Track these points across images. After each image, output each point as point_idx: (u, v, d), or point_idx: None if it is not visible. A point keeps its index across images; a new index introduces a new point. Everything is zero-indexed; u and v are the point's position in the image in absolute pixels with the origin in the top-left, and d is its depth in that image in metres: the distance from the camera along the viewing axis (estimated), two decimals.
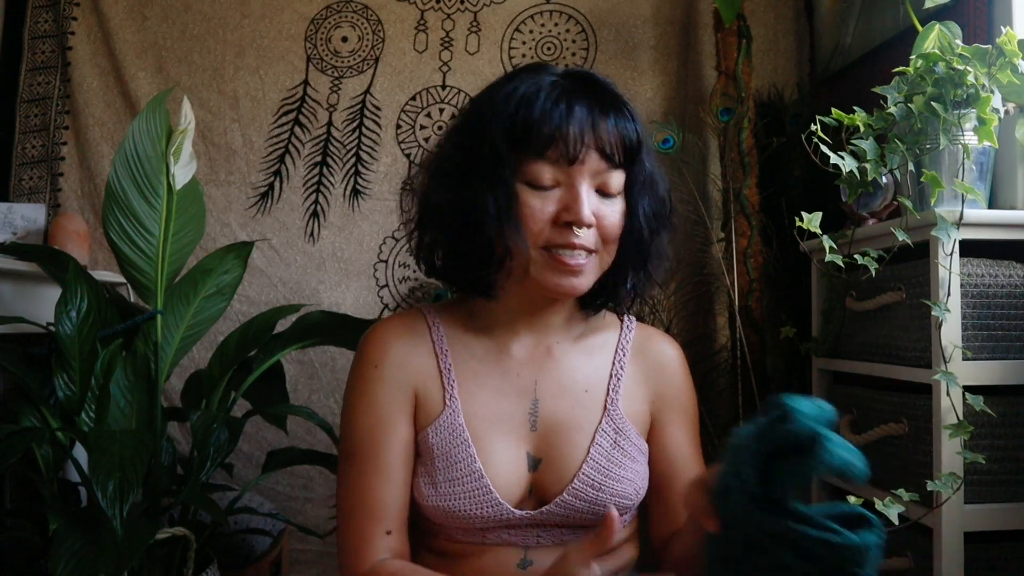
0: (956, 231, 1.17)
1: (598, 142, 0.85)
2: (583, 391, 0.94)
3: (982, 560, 1.20)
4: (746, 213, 1.95)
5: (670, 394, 0.98)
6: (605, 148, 0.85)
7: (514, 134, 0.85)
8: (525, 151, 0.85)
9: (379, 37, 2.29)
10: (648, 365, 0.98)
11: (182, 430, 2.07)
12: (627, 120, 0.88)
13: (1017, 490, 1.20)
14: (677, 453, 0.97)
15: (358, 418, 0.91)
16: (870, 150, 1.21)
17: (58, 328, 1.45)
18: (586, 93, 0.87)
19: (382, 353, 0.93)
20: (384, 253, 2.23)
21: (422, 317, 0.96)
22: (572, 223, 0.84)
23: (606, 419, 0.93)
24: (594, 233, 0.87)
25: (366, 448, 0.90)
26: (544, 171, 0.85)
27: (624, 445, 0.92)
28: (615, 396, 0.94)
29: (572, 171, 0.85)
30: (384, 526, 0.88)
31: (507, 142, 0.85)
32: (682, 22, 2.23)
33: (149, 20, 2.25)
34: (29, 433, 1.38)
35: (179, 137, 1.49)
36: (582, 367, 0.96)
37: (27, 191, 2.25)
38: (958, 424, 1.14)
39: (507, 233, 0.84)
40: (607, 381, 0.95)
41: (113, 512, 1.19)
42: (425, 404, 0.92)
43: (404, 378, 0.92)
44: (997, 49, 1.18)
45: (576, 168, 0.85)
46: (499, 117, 0.86)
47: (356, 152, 2.26)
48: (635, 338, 1.00)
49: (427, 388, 0.92)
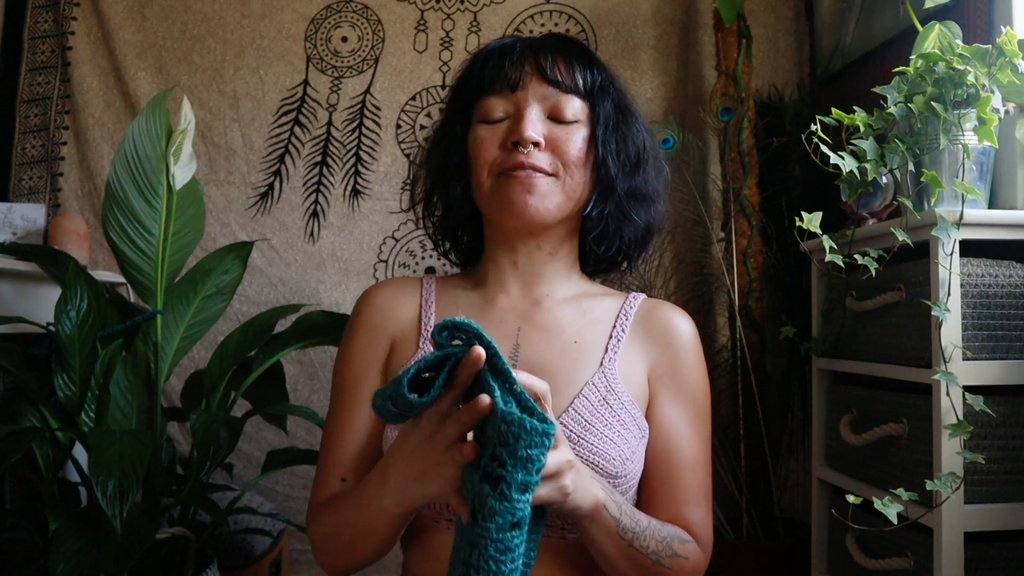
0: (956, 231, 1.17)
1: (539, 67, 0.89)
2: (572, 342, 0.90)
3: (982, 560, 1.20)
4: (746, 213, 1.95)
5: (672, 365, 0.92)
6: (547, 72, 0.89)
7: (467, 86, 0.93)
8: (475, 95, 0.91)
9: (379, 37, 2.29)
10: (652, 333, 0.93)
11: (182, 430, 2.07)
12: (578, 56, 0.92)
13: (1017, 490, 1.20)
14: (671, 428, 0.90)
15: (339, 369, 0.96)
16: (870, 150, 1.21)
17: (58, 328, 1.45)
18: (538, 40, 0.94)
19: (367, 308, 0.96)
20: (384, 253, 2.23)
21: (418, 279, 1.00)
22: (517, 142, 0.87)
23: (599, 375, 0.88)
24: (548, 155, 0.88)
25: (339, 397, 0.94)
26: (493, 104, 0.90)
27: (614, 406, 0.87)
28: (612, 356, 0.90)
29: (517, 97, 0.89)
30: (339, 473, 0.90)
31: (460, 96, 0.93)
32: (682, 22, 2.23)
33: (149, 20, 2.26)
34: (29, 433, 1.38)
35: (179, 137, 1.49)
36: (573, 320, 0.92)
37: (27, 191, 2.25)
38: (958, 424, 1.14)
39: (460, 175, 0.92)
40: (605, 342, 0.91)
41: (113, 512, 1.19)
42: (400, 352, 0.93)
43: (383, 331, 0.94)
44: (997, 49, 1.18)
45: (520, 93, 0.89)
46: (457, 80, 0.96)
47: (356, 152, 2.26)
48: (641, 307, 0.96)
49: (404, 337, 0.93)
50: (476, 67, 0.93)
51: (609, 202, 0.93)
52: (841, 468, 1.52)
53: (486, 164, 0.89)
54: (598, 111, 0.91)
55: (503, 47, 0.92)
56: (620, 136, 0.93)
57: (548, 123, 0.89)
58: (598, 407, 0.86)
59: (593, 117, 0.91)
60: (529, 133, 0.86)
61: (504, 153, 0.88)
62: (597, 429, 0.85)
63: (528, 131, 0.86)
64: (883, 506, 1.11)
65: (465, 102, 0.93)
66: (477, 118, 0.91)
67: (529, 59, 0.90)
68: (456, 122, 0.94)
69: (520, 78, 0.89)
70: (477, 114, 0.91)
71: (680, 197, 2.04)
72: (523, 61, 0.90)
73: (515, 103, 0.89)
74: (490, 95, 0.90)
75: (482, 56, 0.93)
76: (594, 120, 0.91)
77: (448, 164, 0.94)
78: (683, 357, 0.93)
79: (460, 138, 0.93)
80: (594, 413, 0.86)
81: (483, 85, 0.91)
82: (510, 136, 0.88)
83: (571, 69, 0.91)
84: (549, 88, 0.89)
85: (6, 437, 1.32)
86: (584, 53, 0.94)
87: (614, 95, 0.94)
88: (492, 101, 0.90)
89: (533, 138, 0.87)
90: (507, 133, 0.88)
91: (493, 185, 0.89)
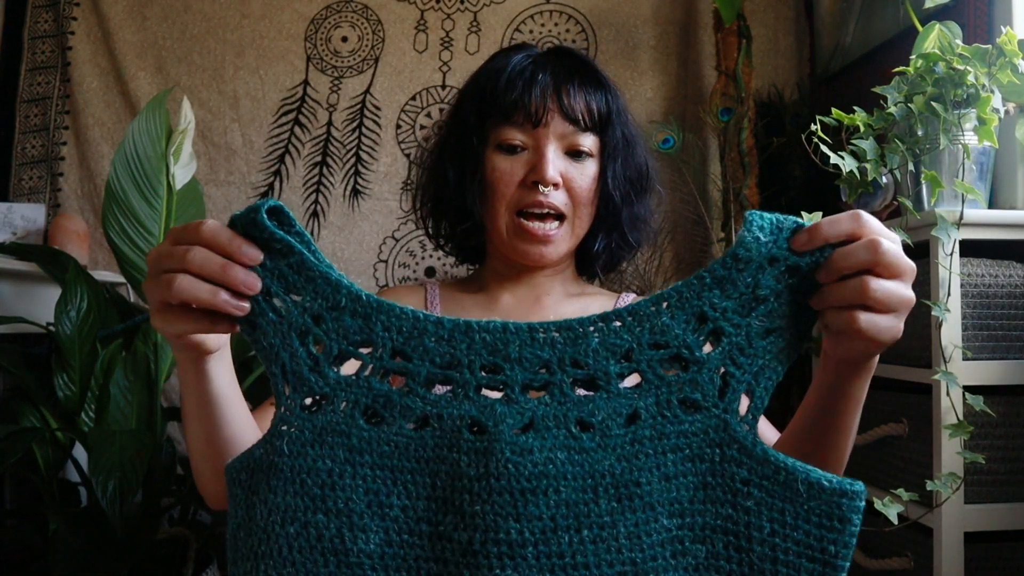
0: (956, 231, 1.17)
1: (561, 105, 0.88)
2: None
3: (982, 560, 1.20)
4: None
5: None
6: (568, 111, 0.89)
7: (483, 104, 0.90)
8: (494, 118, 0.90)
9: (379, 37, 2.29)
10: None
11: (182, 430, 2.07)
12: (594, 85, 0.91)
13: (1017, 490, 1.20)
14: None
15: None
16: (870, 150, 1.21)
17: (58, 328, 1.45)
18: (554, 63, 0.92)
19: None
20: (384, 253, 2.23)
21: (422, 287, 1.00)
22: (538, 181, 0.87)
23: None
24: (563, 195, 0.89)
25: None
26: (511, 134, 0.89)
27: None
28: None
29: (537, 134, 0.88)
30: None
31: (476, 112, 0.91)
32: (682, 22, 2.23)
33: (149, 20, 2.26)
34: (29, 433, 1.39)
35: (179, 137, 1.49)
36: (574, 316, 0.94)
37: (27, 191, 2.25)
38: (958, 424, 1.14)
39: (476, 198, 0.90)
40: None
41: (113, 512, 1.19)
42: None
43: None
44: (997, 49, 1.18)
45: (541, 130, 0.88)
46: (472, 91, 0.93)
47: (356, 152, 2.26)
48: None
49: None
50: (496, 89, 0.90)
51: (613, 235, 0.95)
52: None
53: (503, 199, 0.89)
54: (607, 143, 0.92)
55: (524, 76, 0.89)
56: (624, 163, 0.94)
57: (564, 160, 0.90)
58: None
59: (603, 151, 0.92)
60: (552, 175, 0.87)
61: (523, 190, 0.89)
62: None
63: (550, 172, 0.87)
64: (883, 506, 1.11)
65: (481, 118, 0.92)
66: (494, 142, 0.90)
67: (552, 95, 0.89)
68: (473, 135, 0.92)
69: (543, 116, 0.88)
70: (494, 138, 0.90)
71: (680, 197, 2.04)
72: (546, 95, 0.88)
73: (535, 139, 0.89)
74: (510, 125, 0.89)
75: (503, 80, 0.90)
76: (604, 154, 0.92)
77: (465, 179, 0.92)
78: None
79: (479, 155, 0.91)
80: None
81: (504, 111, 0.89)
82: (531, 174, 0.88)
83: (589, 102, 0.90)
84: (569, 126, 0.89)
85: (6, 437, 1.32)
86: (598, 79, 0.93)
87: (621, 125, 0.94)
88: (512, 132, 0.89)
89: (555, 180, 0.87)
90: (527, 169, 0.88)
91: (509, 223, 0.89)
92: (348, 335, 0.55)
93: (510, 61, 0.91)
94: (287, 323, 0.55)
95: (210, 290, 0.54)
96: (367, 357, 0.56)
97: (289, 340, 0.55)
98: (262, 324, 0.56)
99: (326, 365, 0.55)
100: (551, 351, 0.56)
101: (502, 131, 0.89)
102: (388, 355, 0.56)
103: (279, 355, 0.55)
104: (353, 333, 0.55)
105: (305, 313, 0.55)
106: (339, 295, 0.55)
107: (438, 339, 0.56)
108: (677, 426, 0.54)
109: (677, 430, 0.54)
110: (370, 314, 0.56)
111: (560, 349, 0.56)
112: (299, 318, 0.55)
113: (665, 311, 0.55)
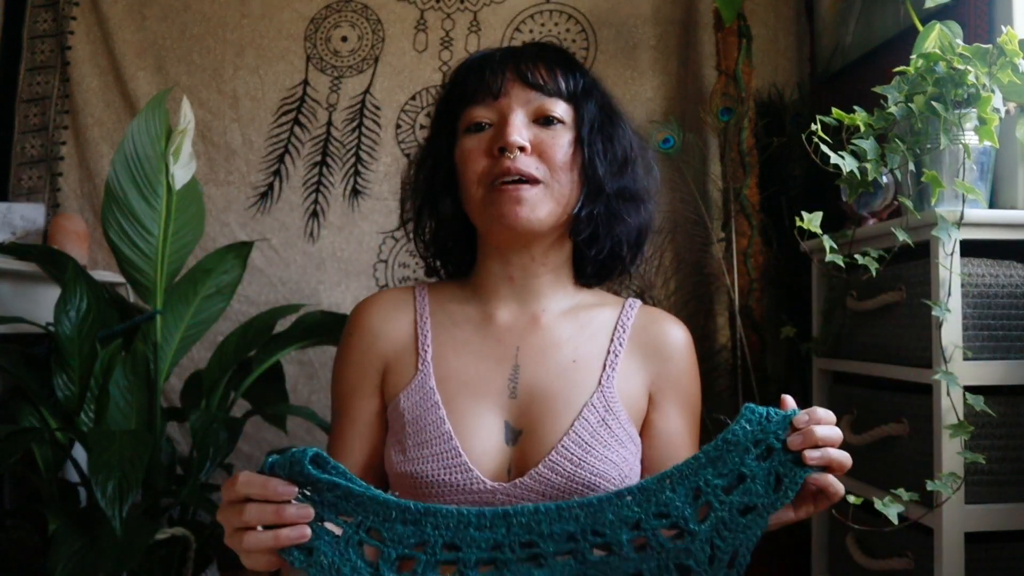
0: (956, 231, 1.17)
1: (519, 72, 0.90)
2: (571, 361, 0.90)
3: (982, 560, 1.20)
4: (746, 213, 1.95)
5: (672, 376, 0.93)
6: (527, 76, 0.89)
7: (451, 98, 0.93)
8: (460, 106, 0.91)
9: (379, 37, 2.28)
10: (649, 347, 0.94)
11: (182, 430, 2.07)
12: (559, 59, 0.93)
13: (1017, 490, 1.20)
14: (673, 435, 0.92)
15: (334, 384, 0.96)
16: (870, 150, 1.20)
17: (58, 328, 1.45)
18: (517, 48, 0.94)
19: (359, 324, 0.95)
20: (384, 253, 2.23)
21: (411, 290, 0.98)
22: (503, 147, 0.87)
23: (598, 395, 0.88)
24: (535, 160, 0.88)
25: (334, 415, 0.95)
26: (476, 113, 0.90)
27: (612, 426, 0.87)
28: (611, 373, 0.90)
29: (500, 104, 0.89)
30: None
31: (447, 107, 0.94)
32: (682, 22, 2.23)
33: (149, 20, 2.25)
34: (29, 433, 1.39)
35: (179, 137, 1.49)
36: (572, 338, 0.92)
37: (26, 191, 2.24)
38: (958, 424, 1.14)
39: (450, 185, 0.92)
40: (603, 357, 0.91)
41: (113, 512, 1.19)
42: (397, 371, 0.92)
43: (376, 349, 0.93)
44: (998, 48, 1.18)
45: (503, 100, 0.89)
46: (443, 92, 0.96)
47: (356, 152, 2.26)
48: (637, 318, 0.96)
49: (400, 356, 0.92)
50: (458, 81, 0.93)
51: (598, 203, 0.92)
52: None
53: (475, 175, 0.89)
54: (582, 113, 0.91)
55: (483, 58, 0.93)
56: (606, 137, 0.93)
57: (533, 128, 0.89)
58: (597, 428, 0.86)
59: (578, 119, 0.91)
60: (514, 138, 0.86)
61: (491, 160, 0.88)
62: (597, 451, 0.85)
63: (513, 136, 0.86)
64: (884, 506, 1.11)
65: (450, 116, 0.93)
66: (462, 130, 0.91)
67: (510, 66, 0.90)
68: (442, 137, 0.94)
69: (502, 85, 0.89)
70: (462, 126, 0.91)
71: (680, 197, 2.04)
72: (504, 68, 0.90)
73: (499, 110, 0.89)
74: (473, 105, 0.90)
75: (463, 69, 0.93)
76: (579, 122, 0.91)
77: (436, 179, 0.94)
78: (683, 367, 0.95)
79: (446, 152, 0.93)
80: (594, 434, 0.86)
81: (466, 96, 0.91)
82: (496, 142, 0.87)
83: (553, 73, 0.91)
84: (532, 92, 0.89)
85: (6, 437, 1.32)
86: (565, 58, 0.94)
87: (598, 97, 0.94)
88: (476, 111, 0.90)
89: (519, 142, 0.86)
90: (492, 140, 0.88)
91: (483, 197, 0.88)
92: (403, 540, 0.67)
93: (475, 55, 0.94)
94: (343, 540, 0.67)
95: (272, 536, 0.65)
96: (421, 555, 0.68)
97: (347, 555, 0.67)
98: (319, 547, 0.66)
99: (386, 570, 0.67)
100: (575, 525, 0.69)
101: (467, 115, 0.91)
102: (440, 549, 0.68)
103: (340, 570, 0.66)
104: (407, 538, 0.67)
105: (360, 528, 0.67)
106: (389, 509, 0.67)
107: (480, 527, 0.68)
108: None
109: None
110: (420, 519, 0.68)
111: (583, 522, 0.69)
112: (354, 534, 0.67)
113: (668, 487, 0.70)
